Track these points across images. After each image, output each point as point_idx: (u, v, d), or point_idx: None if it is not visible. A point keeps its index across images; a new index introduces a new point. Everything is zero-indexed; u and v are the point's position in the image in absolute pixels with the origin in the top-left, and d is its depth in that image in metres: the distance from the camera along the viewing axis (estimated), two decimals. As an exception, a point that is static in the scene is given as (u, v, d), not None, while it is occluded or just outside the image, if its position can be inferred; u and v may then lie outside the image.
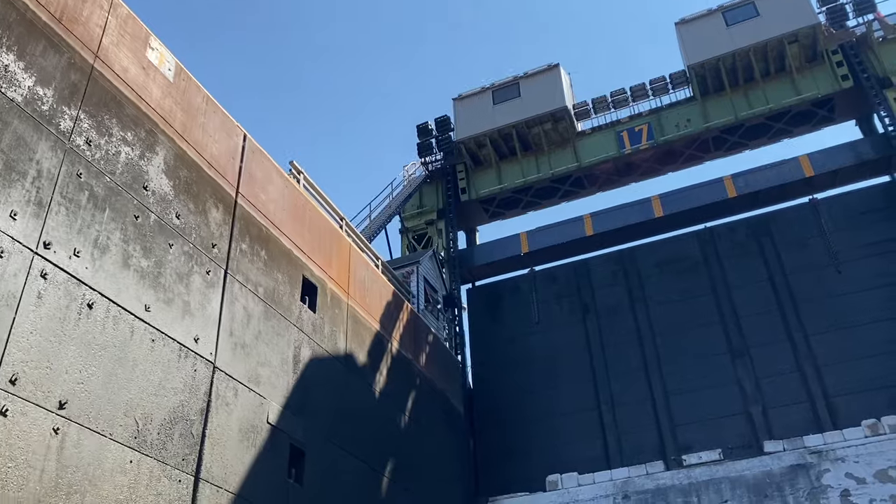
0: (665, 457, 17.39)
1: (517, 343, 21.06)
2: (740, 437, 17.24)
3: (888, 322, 17.19)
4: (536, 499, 16.93)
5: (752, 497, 15.20)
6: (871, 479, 14.45)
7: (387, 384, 14.51)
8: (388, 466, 13.71)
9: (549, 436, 19.16)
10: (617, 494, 16.28)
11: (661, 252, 20.69)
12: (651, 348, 19.40)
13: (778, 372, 17.79)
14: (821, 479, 14.81)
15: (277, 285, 11.60)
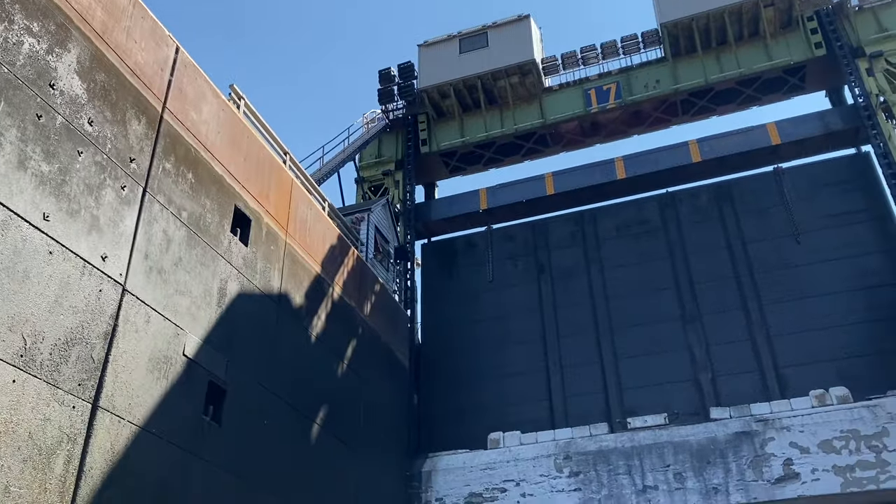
0: (610, 419, 17.04)
1: (469, 301, 20.50)
2: (687, 403, 16.94)
3: (843, 294, 16.94)
4: (476, 456, 16.50)
5: (694, 462, 14.91)
6: (815, 448, 14.23)
7: (325, 330, 13.83)
8: (321, 414, 13.09)
9: (495, 395, 18.71)
10: (558, 455, 15.91)
11: (621, 215, 20.19)
12: (603, 311, 18.97)
13: (729, 340, 17.48)
14: (765, 448, 14.56)
15: (205, 212, 10.78)
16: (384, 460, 15.59)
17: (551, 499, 15.43)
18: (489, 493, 15.89)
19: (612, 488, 15.17)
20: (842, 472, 13.81)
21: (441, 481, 16.37)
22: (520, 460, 16.09)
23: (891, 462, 13.59)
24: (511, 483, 15.87)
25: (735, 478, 14.48)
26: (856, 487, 13.65)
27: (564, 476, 15.59)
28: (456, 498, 16.09)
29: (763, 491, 14.19)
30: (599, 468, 15.46)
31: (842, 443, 14.07)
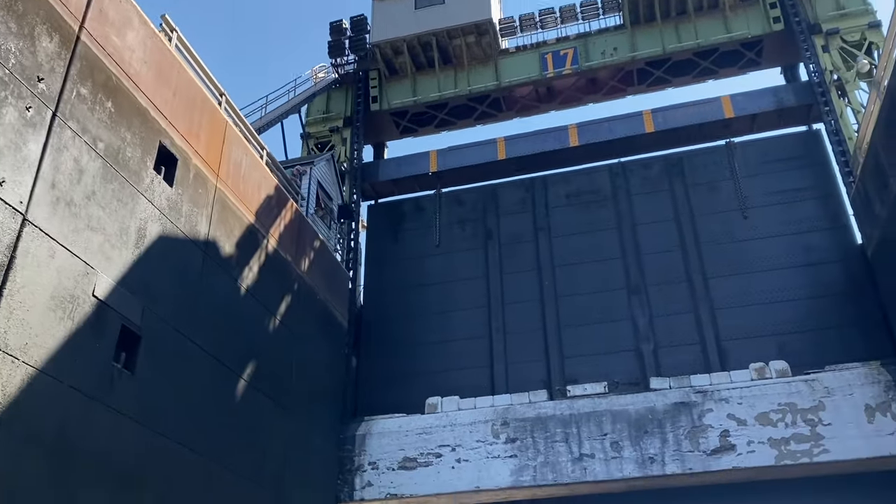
0: (550, 387, 16.79)
1: (415, 265, 19.98)
2: (628, 373, 16.77)
3: (786, 270, 16.90)
4: (412, 420, 16.08)
5: (632, 431, 14.74)
6: (752, 421, 14.17)
7: (257, 282, 13.15)
8: (249, 370, 12.46)
9: (436, 361, 18.29)
10: (496, 420, 15.58)
11: (572, 183, 19.84)
12: (549, 279, 18.65)
13: (673, 312, 17.34)
14: (702, 419, 14.45)
15: (124, 145, 9.97)
16: (317, 422, 15.05)
17: (486, 465, 15.12)
18: (424, 457, 15.51)
19: (549, 455, 14.93)
20: (777, 445, 13.78)
21: (375, 445, 15.92)
22: (457, 425, 15.72)
23: (825, 436, 13.60)
24: (447, 448, 15.51)
25: (671, 448, 14.35)
26: (790, 460, 13.64)
27: (501, 442, 15.28)
28: (389, 462, 15.67)
29: (699, 462, 14.09)
30: (536, 435, 15.20)
31: (778, 416, 14.03)
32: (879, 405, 13.60)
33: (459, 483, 15.09)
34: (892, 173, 12.76)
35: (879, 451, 13.23)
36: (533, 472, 14.84)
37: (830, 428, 13.65)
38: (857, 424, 13.55)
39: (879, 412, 13.54)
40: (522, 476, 14.85)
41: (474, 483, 15.01)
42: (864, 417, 13.56)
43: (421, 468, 15.43)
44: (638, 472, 14.34)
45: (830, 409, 13.80)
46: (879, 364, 14.17)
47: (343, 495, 15.54)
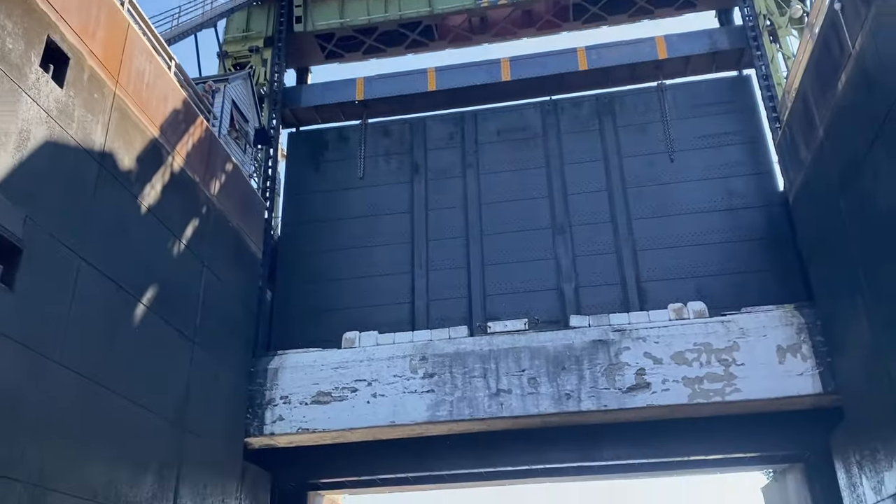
0: (471, 324, 16.53)
1: (337, 197, 19.20)
2: (549, 311, 16.64)
3: (709, 214, 16.96)
4: (328, 355, 15.54)
5: (550, 368, 14.62)
6: (668, 360, 14.22)
7: (160, 202, 12.19)
8: (150, 295, 11.60)
9: (355, 296, 17.75)
10: (415, 356, 15.21)
11: (502, 119, 19.31)
12: (475, 216, 18.23)
13: (596, 252, 17.23)
14: (619, 357, 14.42)
15: (4, 35, 8.82)
16: (226, 354, 14.34)
17: (403, 399, 14.78)
18: (338, 392, 15.05)
19: (466, 391, 14.69)
20: (691, 384, 13.89)
21: (288, 379, 15.35)
22: (374, 360, 15.28)
23: (738, 375, 13.77)
24: (363, 383, 15.08)
25: (588, 385, 14.31)
26: (702, 399, 13.78)
27: (419, 377, 14.95)
28: (303, 396, 15.14)
29: (614, 399, 14.10)
30: (455, 370, 14.92)
31: (694, 355, 14.12)
32: (791, 346, 13.83)
33: (375, 418, 14.73)
34: (820, 115, 12.70)
35: (788, 391, 13.50)
36: (450, 407, 14.60)
37: (743, 368, 13.82)
38: (768, 365, 13.76)
39: (790, 353, 13.78)
40: (439, 411, 14.59)
41: (390, 418, 14.67)
42: (776, 358, 13.78)
43: (335, 403, 14.98)
44: (554, 408, 14.27)
45: (744, 350, 13.96)
46: (793, 307, 14.39)
47: (253, 430, 14.98)
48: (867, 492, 12.14)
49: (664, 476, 18.01)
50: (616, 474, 17.35)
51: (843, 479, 13.32)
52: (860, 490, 12.49)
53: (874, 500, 11.84)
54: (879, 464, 11.51)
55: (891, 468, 11.11)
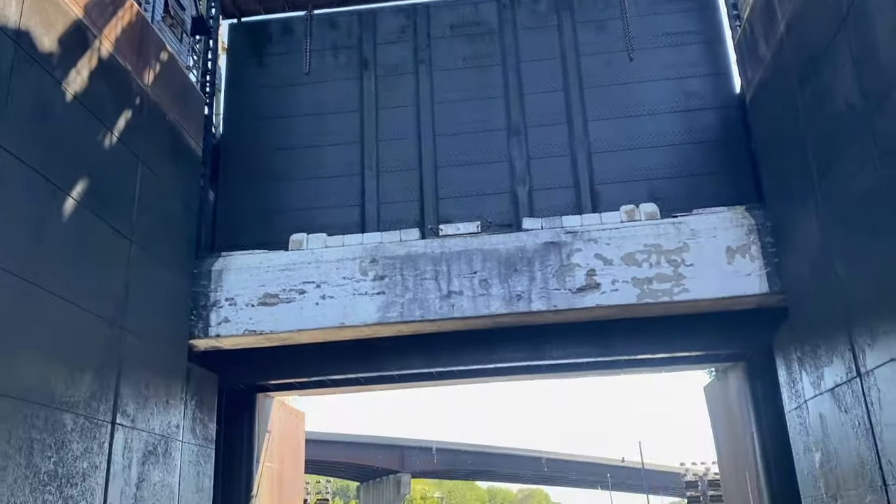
0: (423, 226, 16.21)
1: (282, 94, 18.31)
2: (502, 214, 16.40)
3: (665, 115, 16.67)
4: (275, 256, 15.12)
5: (501, 269, 14.48)
6: (619, 261, 14.18)
7: (88, 90, 11.31)
8: (80, 189, 10.89)
9: (303, 198, 17.19)
10: (364, 258, 14.89)
11: (457, 12, 18.43)
12: (427, 116, 17.61)
13: (551, 154, 16.89)
14: (571, 258, 14.34)
15: None
16: (167, 254, 13.80)
17: (353, 301, 14.54)
18: (286, 293, 14.71)
19: (417, 293, 14.50)
20: (640, 284, 13.93)
21: (233, 280, 14.92)
22: (322, 262, 14.92)
23: (686, 276, 13.84)
24: (311, 285, 14.75)
25: (539, 286, 14.25)
26: (651, 299, 13.85)
27: (369, 279, 14.68)
28: (249, 298, 14.78)
29: (564, 299, 14.09)
30: (406, 273, 14.67)
31: (644, 256, 14.10)
32: (740, 247, 13.89)
33: (324, 319, 14.50)
34: (783, 8, 12.31)
35: (736, 291, 13.64)
36: (400, 308, 14.43)
37: (692, 268, 13.88)
38: (717, 265, 13.84)
39: (739, 254, 13.85)
40: (390, 312, 14.42)
41: (339, 319, 14.46)
42: (725, 259, 13.85)
43: (283, 304, 14.67)
44: (505, 309, 14.22)
45: (694, 251, 13.99)
46: (744, 209, 14.39)
47: (197, 332, 14.62)
48: (806, 387, 12.49)
49: (611, 374, 18.39)
50: (564, 373, 17.65)
51: (784, 375, 13.69)
52: (799, 386, 12.85)
53: (812, 394, 12.19)
54: (820, 360, 11.79)
55: (830, 364, 11.38)
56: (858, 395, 10.40)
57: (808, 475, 12.81)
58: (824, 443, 11.83)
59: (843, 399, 11.00)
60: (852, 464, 10.79)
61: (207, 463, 14.55)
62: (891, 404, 9.51)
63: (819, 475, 12.14)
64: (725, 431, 18.58)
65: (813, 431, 12.28)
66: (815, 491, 12.44)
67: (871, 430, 10.09)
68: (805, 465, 12.92)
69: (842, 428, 11.10)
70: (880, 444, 9.88)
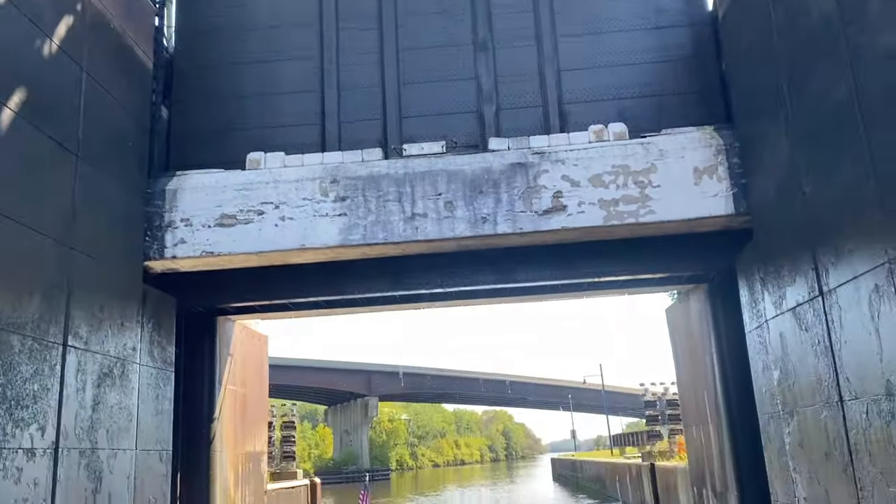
0: (386, 146, 15.71)
1: (237, 6, 17.32)
2: (468, 134, 15.93)
3: (635, 33, 16.15)
4: (232, 176, 14.60)
5: (467, 191, 14.17)
6: (586, 182, 13.96)
7: (22, -9, 10.47)
8: (17, 100, 10.21)
9: (260, 115, 16.48)
10: (325, 178, 14.44)
11: (422, -80, 17.47)
12: (391, 30, 16.85)
13: (519, 72, 16.34)
14: (537, 180, 14.06)
15: None
16: (118, 173, 13.19)
17: (313, 223, 14.17)
18: (244, 214, 14.27)
19: (380, 215, 14.17)
20: (606, 206, 13.76)
21: (188, 200, 14.41)
22: (281, 182, 14.45)
23: (653, 197, 13.68)
24: (269, 206, 14.31)
25: (505, 208, 14.00)
26: (617, 220, 13.71)
27: (330, 201, 14.28)
28: (205, 219, 14.31)
29: (529, 221, 13.89)
30: (368, 194, 14.29)
31: (611, 177, 13.89)
32: (707, 168, 13.74)
33: (284, 241, 14.13)
34: (761, -83, 11.82)
35: (701, 212, 13.55)
36: (363, 230, 14.10)
37: (659, 190, 13.72)
38: (684, 187, 13.69)
39: (707, 175, 13.71)
40: (352, 235, 14.09)
41: (300, 241, 14.10)
42: (692, 180, 13.70)
43: (241, 226, 14.24)
44: (470, 232, 13.98)
45: (661, 172, 13.80)
46: (713, 129, 14.18)
47: (153, 253, 14.17)
48: (768, 307, 12.57)
49: (575, 298, 18.43)
50: (529, 296, 17.61)
51: (746, 296, 13.77)
52: (761, 306, 12.94)
53: (773, 314, 12.28)
54: (783, 279, 11.82)
55: (793, 283, 11.41)
56: (820, 313, 10.47)
57: (765, 393, 13.05)
58: (783, 361, 11.99)
59: (804, 318, 11.08)
60: (810, 381, 10.95)
61: (167, 386, 14.34)
62: (851, 323, 9.57)
63: (777, 392, 12.36)
64: (685, 353, 18.88)
65: (772, 350, 12.43)
66: (773, 408, 12.69)
67: (831, 348, 10.20)
68: (763, 384, 13.14)
69: (801, 346, 11.22)
70: (839, 361, 9.99)
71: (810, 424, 11.10)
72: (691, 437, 18.77)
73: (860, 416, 9.48)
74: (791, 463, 12.04)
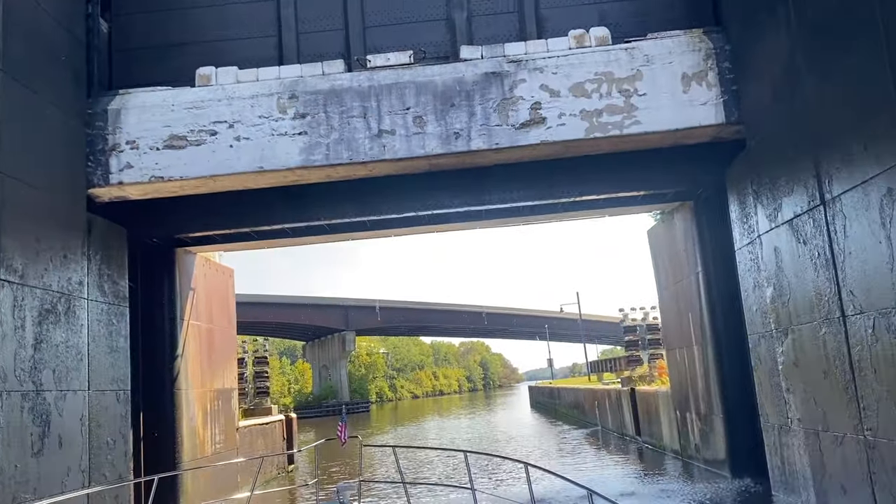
0: (348, 57, 14.44)
1: None
2: (437, 43, 14.65)
3: (618, -70, 14.86)
4: (181, 93, 13.32)
5: (437, 105, 13.06)
6: (566, 92, 12.90)
7: None
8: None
9: (211, 27, 15.00)
10: (283, 94, 13.24)
11: None
12: (351, -69, 15.35)
13: (492, -25, 15.03)
14: (514, 90, 12.97)
15: None
16: (52, 90, 11.87)
17: (271, 143, 13.02)
18: (195, 135, 13.07)
19: (344, 132, 13.04)
20: (589, 117, 12.75)
21: (134, 121, 13.15)
22: (235, 99, 13.21)
23: (639, 107, 12.70)
24: (223, 125, 13.11)
25: (479, 122, 12.94)
26: (600, 133, 12.73)
27: (288, 118, 13.10)
28: (153, 141, 13.09)
29: (506, 136, 12.86)
30: (330, 110, 13.13)
31: (594, 86, 12.84)
32: (696, 74, 12.74)
33: (240, 163, 13.00)
34: None
35: (690, 122, 12.61)
36: (326, 150, 13.00)
37: (645, 98, 12.72)
38: (671, 95, 12.70)
39: (695, 82, 12.71)
40: (314, 155, 12.98)
41: (257, 163, 12.98)
42: (680, 87, 12.71)
43: (192, 147, 13.05)
44: (442, 149, 12.94)
45: (647, 79, 12.78)
46: (701, 32, 13.10)
47: (97, 179, 12.98)
48: (761, 221, 11.80)
49: (554, 220, 17.56)
50: (505, 218, 16.71)
51: (736, 211, 12.99)
52: (753, 220, 12.16)
53: (767, 227, 11.51)
54: (779, 190, 11.01)
55: (790, 194, 10.60)
56: (821, 224, 9.69)
57: (756, 312, 12.40)
58: (777, 277, 11.29)
59: (802, 230, 10.31)
60: (808, 297, 10.27)
61: (121, 322, 13.36)
62: (857, 232, 8.81)
63: (769, 310, 11.71)
64: (668, 275, 18.25)
65: (765, 266, 11.72)
66: (764, 327, 12.07)
67: (832, 261, 9.46)
68: (753, 302, 12.49)
69: (798, 260, 10.49)
70: (841, 274, 9.27)
71: (807, 342, 10.47)
72: (674, 360, 18.31)
73: (865, 331, 8.81)
74: (784, 384, 11.48)
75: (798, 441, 11.17)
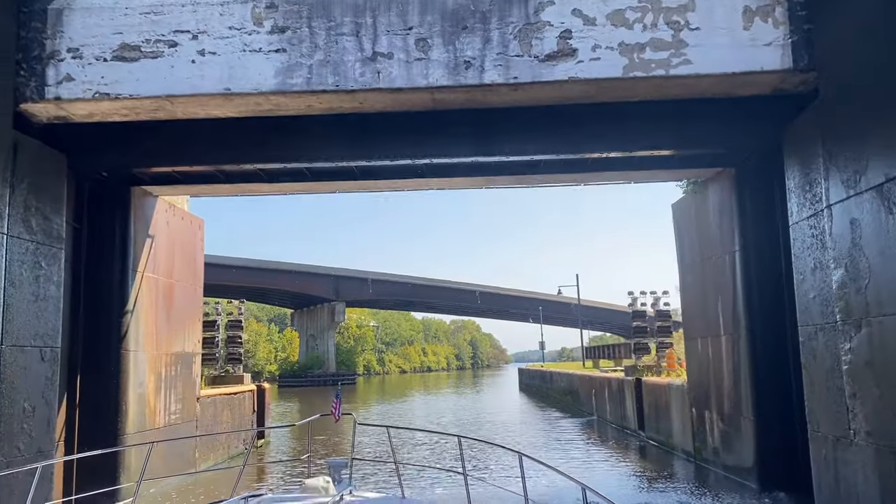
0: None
1: None
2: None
3: None
4: (136, -7, 11.00)
5: (446, 26, 10.80)
6: (603, 19, 10.65)
7: None
8: None
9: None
10: (259, 2, 11.00)
11: None
12: None
13: None
14: (540, 14, 10.71)
15: None
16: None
17: (242, 60, 10.77)
18: (151, 45, 10.80)
19: (330, 52, 10.79)
20: (629, 52, 10.51)
21: (78, 24, 10.87)
22: (200, 4, 10.93)
23: (689, 43, 10.46)
24: (185, 35, 10.84)
25: (495, 50, 10.69)
26: (641, 72, 10.50)
27: (264, 31, 10.84)
28: (100, 50, 10.82)
29: (527, 69, 10.62)
30: (315, 24, 10.87)
31: (636, 15, 10.59)
32: (761, 8, 10.48)
33: (203, 82, 10.75)
34: None
35: (751, 65, 10.37)
36: (308, 72, 10.75)
37: (697, 34, 10.48)
38: (729, 31, 10.46)
39: (759, 17, 10.46)
40: (293, 77, 10.74)
41: (224, 83, 10.73)
42: (741, 22, 10.46)
43: (147, 60, 10.79)
44: (448, 80, 10.69)
45: (702, 10, 10.53)
46: (771, -42, 10.82)
47: (29, 92, 10.73)
48: (832, 188, 9.61)
49: (572, 183, 15.38)
50: (518, 175, 14.42)
51: (796, 178, 10.79)
52: (819, 188, 9.98)
53: (843, 195, 9.32)
54: (864, 150, 8.81)
55: (882, 154, 8.42)
56: (931, 187, 7.52)
57: (814, 298, 10.26)
58: (852, 256, 9.14)
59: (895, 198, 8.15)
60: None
61: (53, 265, 11.16)
62: None
63: (836, 297, 9.56)
64: (695, 254, 16.11)
65: (836, 243, 9.56)
66: (824, 318, 9.93)
67: (946, 235, 7.31)
68: (811, 287, 10.34)
69: (887, 236, 8.34)
70: (957, 252, 7.12)
71: (890, 338, 8.36)
72: (695, 351, 16.22)
73: None
74: (848, 387, 9.37)
75: (863, 458, 9.10)
